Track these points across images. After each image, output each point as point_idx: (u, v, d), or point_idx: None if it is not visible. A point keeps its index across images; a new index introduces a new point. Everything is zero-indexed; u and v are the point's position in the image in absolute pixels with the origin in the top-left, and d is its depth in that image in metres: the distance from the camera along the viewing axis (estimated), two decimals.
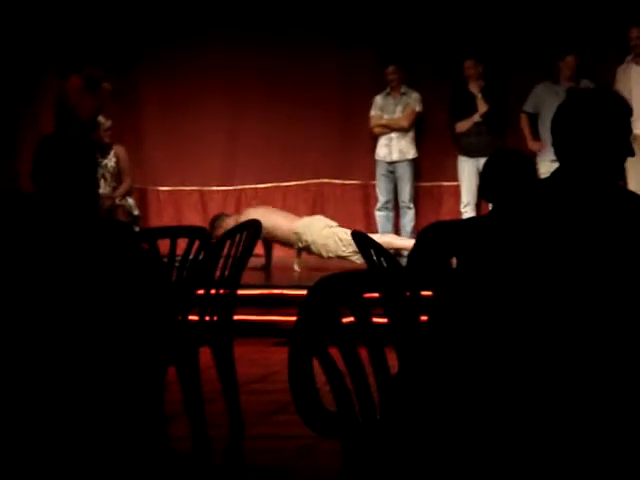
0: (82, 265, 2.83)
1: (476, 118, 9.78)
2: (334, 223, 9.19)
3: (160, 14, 10.63)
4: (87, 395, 2.75)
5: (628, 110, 2.60)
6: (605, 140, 2.53)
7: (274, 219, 9.12)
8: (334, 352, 2.42)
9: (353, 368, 2.44)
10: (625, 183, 7.54)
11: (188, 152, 10.80)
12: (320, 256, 9.07)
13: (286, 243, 9.26)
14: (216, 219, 9.44)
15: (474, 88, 9.81)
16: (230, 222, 9.09)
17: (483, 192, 4.36)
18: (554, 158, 2.61)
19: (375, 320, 2.50)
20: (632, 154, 2.60)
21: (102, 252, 2.89)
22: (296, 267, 9.20)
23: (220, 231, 8.56)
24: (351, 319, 2.48)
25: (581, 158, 2.53)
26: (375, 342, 2.48)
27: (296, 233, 9.07)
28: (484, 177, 4.22)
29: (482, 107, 9.77)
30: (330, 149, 10.70)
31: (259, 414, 5.41)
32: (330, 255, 8.98)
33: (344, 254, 8.84)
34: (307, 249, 9.11)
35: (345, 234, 8.72)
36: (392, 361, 2.53)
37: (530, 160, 4.29)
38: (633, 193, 2.58)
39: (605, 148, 2.53)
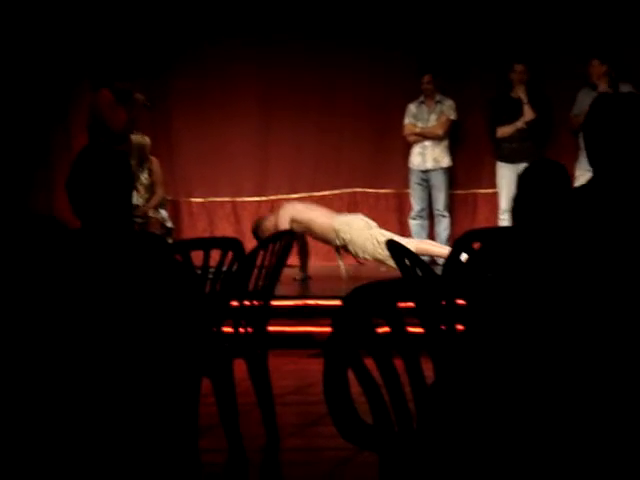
0: (115, 278, 2.83)
1: (520, 124, 9.70)
2: (374, 223, 9.10)
3: (190, 26, 10.67)
4: (121, 406, 2.74)
5: None
6: (635, 144, 2.49)
7: (312, 214, 9.08)
8: (369, 363, 2.39)
9: (389, 378, 2.41)
10: None
11: (220, 163, 10.83)
12: (356, 256, 9.01)
13: (323, 239, 9.18)
14: (256, 226, 9.33)
15: (521, 93, 9.73)
16: (271, 220, 9.10)
17: (515, 215, 4.24)
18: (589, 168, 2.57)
19: (410, 330, 2.47)
20: None
21: (135, 265, 2.89)
22: (342, 272, 9.06)
23: (266, 233, 8.54)
24: (386, 329, 2.45)
25: (614, 166, 2.48)
26: (410, 352, 2.45)
27: (334, 230, 8.99)
28: (517, 199, 4.11)
29: (528, 114, 9.69)
30: (363, 158, 10.69)
31: (295, 426, 5.39)
32: (366, 257, 8.93)
33: (380, 257, 8.72)
34: (344, 247, 9.03)
35: (383, 236, 8.63)
36: (428, 371, 2.50)
37: (565, 172, 4.18)
38: None
39: (635, 153, 2.49)
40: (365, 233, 8.92)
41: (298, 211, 9.15)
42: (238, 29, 10.63)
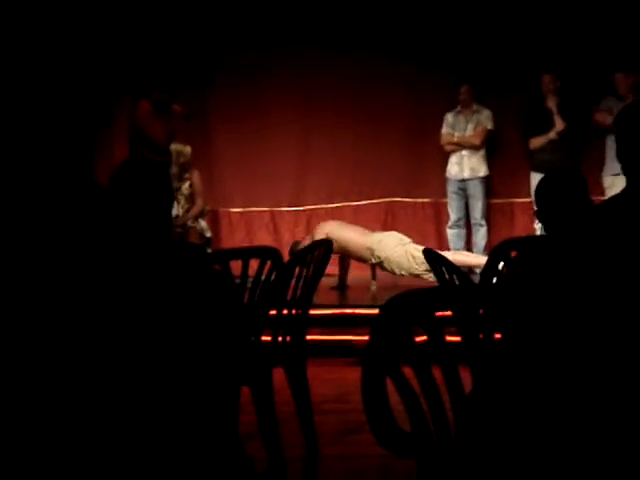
0: (156, 288, 2.85)
1: (552, 135, 9.68)
2: (408, 239, 9.13)
3: (228, 38, 10.72)
4: (162, 415, 2.77)
5: None
6: None
7: (347, 233, 9.11)
8: (407, 371, 2.40)
9: (427, 387, 2.43)
10: None
11: (259, 173, 10.88)
12: (392, 273, 9.04)
13: (359, 258, 9.22)
14: (293, 247, 9.39)
15: (551, 104, 9.72)
16: (307, 241, 9.12)
17: (539, 216, 4.25)
18: (616, 172, 2.58)
19: (448, 338, 2.48)
20: None
21: (175, 274, 2.91)
22: (373, 288, 9.17)
23: None
24: (424, 338, 2.46)
25: None
26: (448, 361, 2.46)
27: (369, 248, 9.03)
28: (537, 202, 4.12)
29: (559, 125, 9.67)
30: (401, 167, 10.71)
31: (334, 434, 5.40)
32: (403, 273, 8.94)
33: (417, 272, 8.79)
34: (380, 265, 9.07)
35: (418, 251, 8.64)
36: (466, 379, 2.51)
37: (582, 180, 4.15)
38: None
39: None
40: (400, 250, 8.94)
41: (333, 230, 9.16)
42: (275, 40, 10.67)
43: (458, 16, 10.29)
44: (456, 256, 8.96)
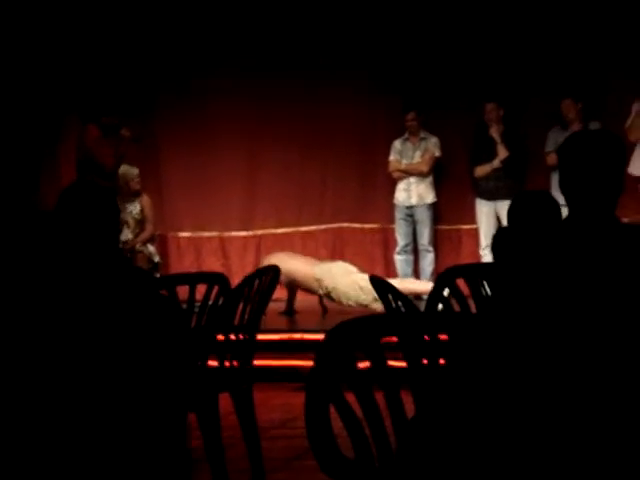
0: (101, 313, 2.85)
1: (496, 164, 9.78)
2: (354, 269, 9.18)
3: (175, 62, 10.72)
4: (110, 443, 2.76)
5: (624, 149, 2.64)
6: (607, 180, 2.55)
7: (294, 265, 9.13)
8: (350, 397, 2.42)
9: (370, 413, 2.44)
10: None
11: (207, 198, 10.86)
12: (340, 303, 9.07)
13: (307, 288, 9.26)
14: None
15: (494, 132, 9.82)
16: None
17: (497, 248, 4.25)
18: (560, 203, 2.63)
19: (392, 363, 2.50)
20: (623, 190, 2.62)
21: (121, 299, 2.92)
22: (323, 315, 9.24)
23: None
24: (367, 364, 2.48)
25: (588, 203, 2.54)
26: (391, 387, 2.48)
27: (317, 280, 9.06)
28: (502, 231, 4.13)
29: (502, 153, 9.77)
30: (349, 193, 10.74)
31: (280, 460, 5.40)
32: (350, 303, 8.98)
33: (365, 302, 8.82)
34: (328, 296, 9.11)
35: (364, 281, 8.68)
36: (408, 404, 2.53)
37: (555, 203, 4.18)
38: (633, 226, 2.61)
39: (608, 188, 2.55)
40: (346, 279, 8.98)
41: (280, 261, 9.18)
42: (223, 64, 10.68)
43: (406, 42, 10.36)
44: (404, 284, 9.02)
